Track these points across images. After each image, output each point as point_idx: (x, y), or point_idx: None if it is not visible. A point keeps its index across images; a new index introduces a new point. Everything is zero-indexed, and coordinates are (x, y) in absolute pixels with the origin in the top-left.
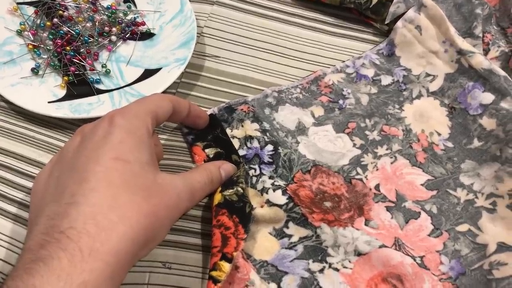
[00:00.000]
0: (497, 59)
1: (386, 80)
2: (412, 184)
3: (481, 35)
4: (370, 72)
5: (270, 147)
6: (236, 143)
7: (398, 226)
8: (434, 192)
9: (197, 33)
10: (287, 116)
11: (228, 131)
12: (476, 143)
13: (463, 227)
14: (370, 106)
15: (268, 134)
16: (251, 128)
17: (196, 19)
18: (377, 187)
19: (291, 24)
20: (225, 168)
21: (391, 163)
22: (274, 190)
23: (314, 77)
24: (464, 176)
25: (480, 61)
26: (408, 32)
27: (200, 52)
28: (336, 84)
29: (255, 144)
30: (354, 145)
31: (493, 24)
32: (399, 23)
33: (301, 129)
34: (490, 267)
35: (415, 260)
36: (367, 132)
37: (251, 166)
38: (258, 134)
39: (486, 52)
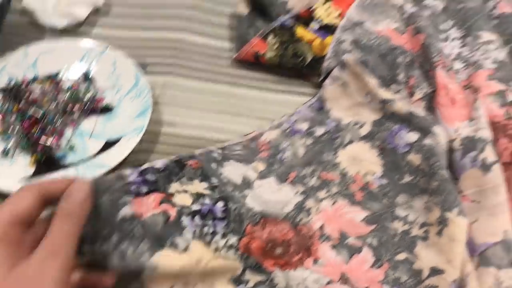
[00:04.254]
0: (421, 100)
1: (319, 131)
2: (353, 221)
3: (404, 80)
4: (304, 126)
5: (221, 204)
6: (188, 198)
7: (343, 262)
8: (374, 226)
9: (153, 102)
10: (232, 171)
11: (178, 185)
12: (407, 178)
13: (401, 256)
14: (307, 156)
15: (217, 190)
16: (201, 187)
17: (151, 89)
18: (321, 228)
19: (239, 86)
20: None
21: (332, 204)
22: (227, 251)
23: (253, 137)
24: (400, 209)
25: (400, 107)
26: (335, 88)
27: (157, 119)
28: (273, 141)
29: (207, 201)
30: (297, 192)
31: (416, 68)
32: (327, 81)
33: (247, 183)
34: None
35: None
36: (306, 180)
37: (205, 223)
38: (208, 192)
39: (411, 95)
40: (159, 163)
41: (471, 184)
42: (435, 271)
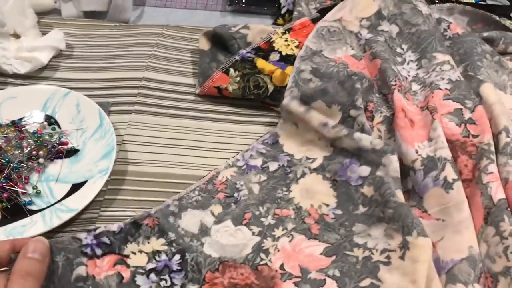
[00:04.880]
0: (381, 123)
1: (273, 166)
2: (312, 255)
3: (362, 105)
4: (258, 162)
5: (177, 257)
6: (144, 258)
7: None
8: (334, 257)
9: (118, 141)
10: (190, 221)
11: (134, 246)
12: (361, 209)
13: (365, 282)
14: (262, 194)
15: (174, 244)
16: (158, 243)
17: (116, 128)
18: (281, 267)
19: (203, 119)
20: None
21: (289, 241)
22: None
23: (209, 178)
24: (358, 237)
25: (349, 143)
26: (286, 127)
27: (123, 159)
28: (229, 179)
29: (163, 257)
30: (253, 233)
31: (375, 93)
32: (281, 120)
33: (204, 231)
34: None
35: None
36: (262, 219)
37: (162, 277)
38: (165, 247)
39: (371, 119)
40: (114, 226)
41: (434, 203)
42: None
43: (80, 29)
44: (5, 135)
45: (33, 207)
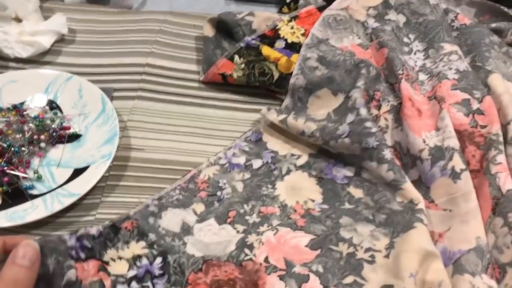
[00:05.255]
0: (388, 112)
1: (256, 163)
2: (298, 247)
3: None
4: (241, 160)
5: (159, 260)
6: (124, 265)
7: None
8: (318, 251)
9: (121, 127)
10: (171, 220)
11: (113, 252)
12: (347, 205)
13: (349, 279)
14: (246, 192)
15: (155, 245)
16: (138, 247)
17: (119, 114)
18: (266, 259)
19: (207, 107)
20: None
21: (274, 234)
22: None
23: (191, 176)
24: (344, 231)
25: (333, 145)
26: (270, 125)
27: (126, 145)
28: (212, 177)
29: (144, 261)
30: (238, 232)
31: (382, 82)
32: (263, 120)
33: (186, 229)
34: None
35: None
36: (247, 217)
37: (144, 284)
38: (146, 251)
39: (378, 108)
40: (93, 230)
41: (442, 193)
42: (386, 287)
43: (83, 15)
44: (6, 119)
45: (34, 192)
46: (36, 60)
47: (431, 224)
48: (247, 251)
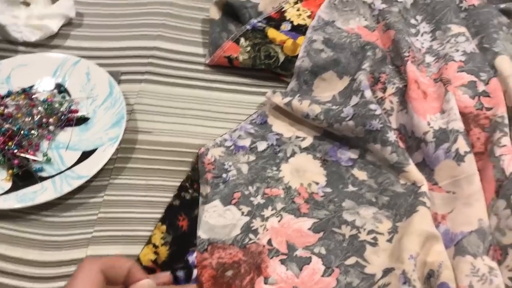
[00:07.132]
0: (393, 95)
1: (261, 146)
2: (300, 230)
3: (376, 76)
4: (246, 142)
5: None
6: None
7: (294, 276)
8: (321, 234)
9: (128, 110)
10: None
11: None
12: (351, 188)
13: (351, 260)
14: (251, 174)
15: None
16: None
17: (126, 97)
18: (269, 242)
19: (213, 90)
20: None
21: (278, 221)
22: None
23: (200, 153)
24: (347, 213)
25: (337, 128)
26: (275, 108)
27: (133, 127)
28: (217, 159)
29: None
30: (243, 213)
31: (388, 64)
32: (269, 103)
33: None
34: None
35: None
36: (251, 199)
37: None
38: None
39: (384, 90)
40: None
41: (445, 175)
42: (387, 271)
43: None
44: (15, 103)
45: (44, 174)
46: (44, 44)
47: (434, 206)
48: (251, 236)
